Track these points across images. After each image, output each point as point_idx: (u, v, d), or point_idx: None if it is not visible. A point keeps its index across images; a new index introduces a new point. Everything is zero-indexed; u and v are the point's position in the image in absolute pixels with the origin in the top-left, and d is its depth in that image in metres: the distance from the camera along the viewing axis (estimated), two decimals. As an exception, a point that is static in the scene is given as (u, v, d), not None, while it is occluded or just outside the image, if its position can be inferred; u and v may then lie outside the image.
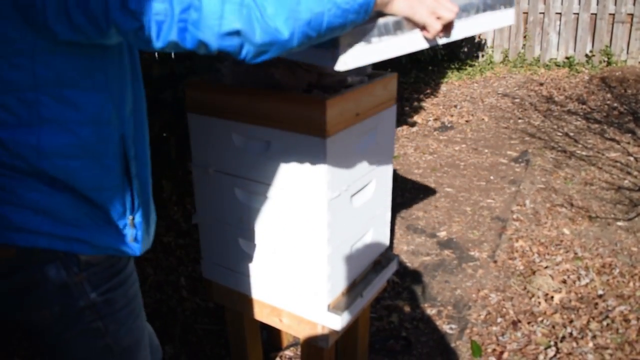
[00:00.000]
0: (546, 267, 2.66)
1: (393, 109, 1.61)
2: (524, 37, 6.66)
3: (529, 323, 2.29)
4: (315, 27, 0.89)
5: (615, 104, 5.19)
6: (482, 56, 6.83)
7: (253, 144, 1.46)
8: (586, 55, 6.45)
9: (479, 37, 6.80)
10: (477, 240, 2.99)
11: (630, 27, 6.23)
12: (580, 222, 3.09)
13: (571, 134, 4.50)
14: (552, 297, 2.44)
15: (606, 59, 6.32)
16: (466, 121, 4.95)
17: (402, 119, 4.91)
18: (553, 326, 2.27)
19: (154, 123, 2.56)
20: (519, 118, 4.98)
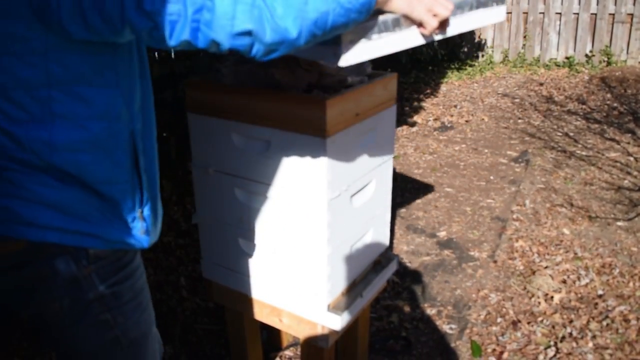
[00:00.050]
0: (546, 267, 2.66)
1: (393, 109, 1.62)
2: (524, 37, 6.66)
3: (529, 323, 2.29)
4: (321, 26, 0.92)
5: (615, 104, 5.19)
6: (482, 56, 6.82)
7: (253, 144, 1.46)
8: (586, 55, 6.45)
9: (479, 37, 6.80)
10: (477, 240, 2.99)
11: (630, 27, 6.23)
12: (580, 222, 3.10)
13: (571, 134, 4.50)
14: (552, 297, 2.44)
15: (606, 59, 6.33)
16: (466, 121, 4.95)
17: (402, 119, 4.91)
18: (553, 326, 2.27)
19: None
20: (519, 118, 4.98)
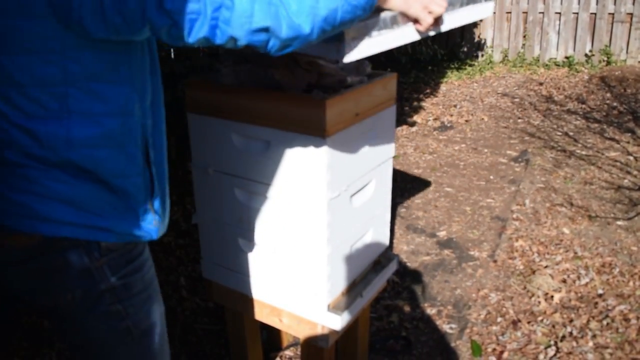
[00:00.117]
0: (546, 267, 2.66)
1: (393, 109, 1.62)
2: (524, 37, 6.65)
3: (529, 322, 2.30)
4: (330, 22, 0.97)
5: (614, 104, 5.19)
6: (482, 56, 6.82)
7: (253, 144, 1.46)
8: (586, 54, 6.45)
9: (479, 37, 6.80)
10: (477, 239, 2.99)
11: (629, 27, 6.23)
12: (580, 222, 3.10)
13: (571, 134, 4.50)
14: (552, 297, 2.44)
15: (606, 59, 6.32)
16: (466, 121, 4.95)
17: (402, 119, 4.91)
18: (553, 325, 2.27)
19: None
20: (519, 118, 4.98)
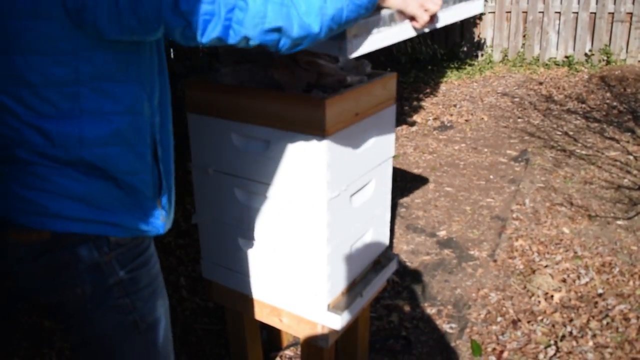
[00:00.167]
0: (546, 266, 2.66)
1: (392, 109, 1.62)
2: (524, 37, 6.65)
3: (529, 322, 2.30)
4: (337, 21, 1.02)
5: (614, 103, 5.19)
6: (482, 55, 6.82)
7: (252, 144, 1.46)
8: (585, 54, 6.45)
9: (479, 37, 6.79)
10: (477, 239, 2.99)
11: (629, 26, 6.23)
12: (580, 221, 3.10)
13: (571, 133, 4.50)
14: (552, 296, 2.44)
15: (605, 58, 6.32)
16: (466, 120, 4.95)
17: (402, 119, 4.91)
18: (553, 325, 2.27)
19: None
20: (519, 117, 4.98)
